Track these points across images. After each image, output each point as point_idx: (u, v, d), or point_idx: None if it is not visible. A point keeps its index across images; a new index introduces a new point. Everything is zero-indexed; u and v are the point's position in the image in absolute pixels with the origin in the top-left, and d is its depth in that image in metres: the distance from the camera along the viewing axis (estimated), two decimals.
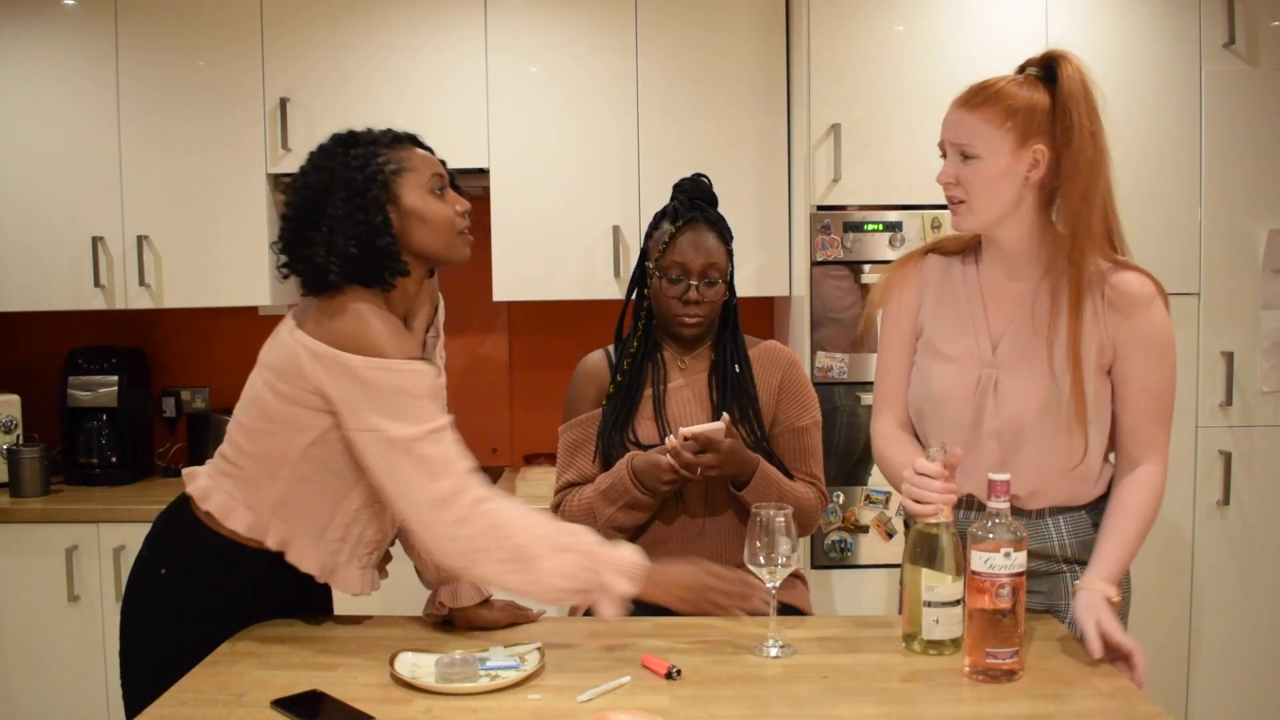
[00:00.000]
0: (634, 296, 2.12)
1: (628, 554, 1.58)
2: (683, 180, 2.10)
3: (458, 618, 1.76)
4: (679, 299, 2.01)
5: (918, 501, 1.54)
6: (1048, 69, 1.63)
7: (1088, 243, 1.60)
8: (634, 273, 2.13)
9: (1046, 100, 1.60)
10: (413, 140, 1.69)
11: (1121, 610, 1.68)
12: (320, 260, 1.58)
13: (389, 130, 1.68)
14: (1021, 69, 1.68)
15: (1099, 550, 1.62)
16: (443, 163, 1.70)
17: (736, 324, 2.10)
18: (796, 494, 2.01)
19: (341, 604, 1.85)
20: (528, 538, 1.54)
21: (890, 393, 1.82)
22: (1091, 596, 1.56)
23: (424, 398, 1.58)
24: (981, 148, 1.60)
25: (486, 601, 1.78)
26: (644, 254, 2.10)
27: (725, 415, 1.92)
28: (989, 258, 1.72)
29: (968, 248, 1.76)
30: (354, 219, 1.57)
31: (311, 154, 1.65)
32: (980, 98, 1.61)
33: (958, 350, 1.71)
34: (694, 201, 2.06)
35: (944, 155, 1.67)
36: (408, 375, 1.56)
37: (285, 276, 1.67)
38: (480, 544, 1.53)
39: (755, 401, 2.05)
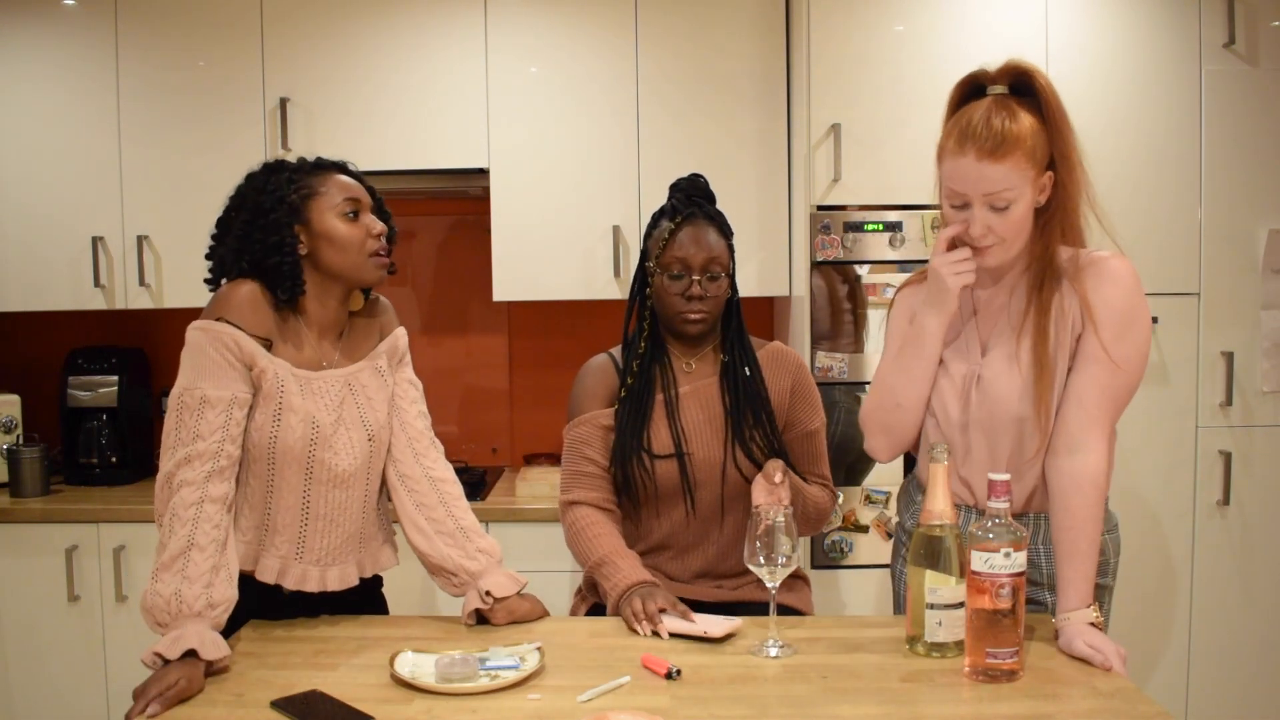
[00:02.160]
0: (637, 301, 2.08)
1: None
2: (679, 180, 2.08)
3: (499, 611, 1.78)
4: (682, 295, 1.98)
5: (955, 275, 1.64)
6: (1017, 83, 1.63)
7: (1056, 241, 1.66)
8: (635, 276, 2.10)
9: (1039, 124, 1.61)
10: (337, 167, 1.79)
11: (1110, 571, 1.74)
12: (220, 276, 1.73)
13: (317, 159, 1.79)
14: (971, 83, 1.65)
15: (1062, 576, 1.61)
16: (370, 190, 1.80)
17: (741, 323, 2.07)
18: (817, 500, 2.03)
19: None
20: (178, 539, 1.58)
21: None
22: (1072, 628, 1.58)
23: (209, 360, 1.64)
24: (1015, 195, 1.60)
25: (519, 593, 1.83)
26: (644, 255, 2.07)
27: (778, 462, 1.93)
28: (979, 277, 1.73)
29: None
30: (251, 239, 1.70)
31: (241, 181, 1.78)
32: (1003, 148, 1.57)
33: (952, 360, 1.74)
34: (691, 199, 2.04)
35: (959, 205, 1.63)
36: (211, 332, 1.65)
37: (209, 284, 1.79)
38: (162, 523, 1.61)
39: (768, 404, 2.02)
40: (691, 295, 1.98)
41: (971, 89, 1.66)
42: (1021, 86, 1.62)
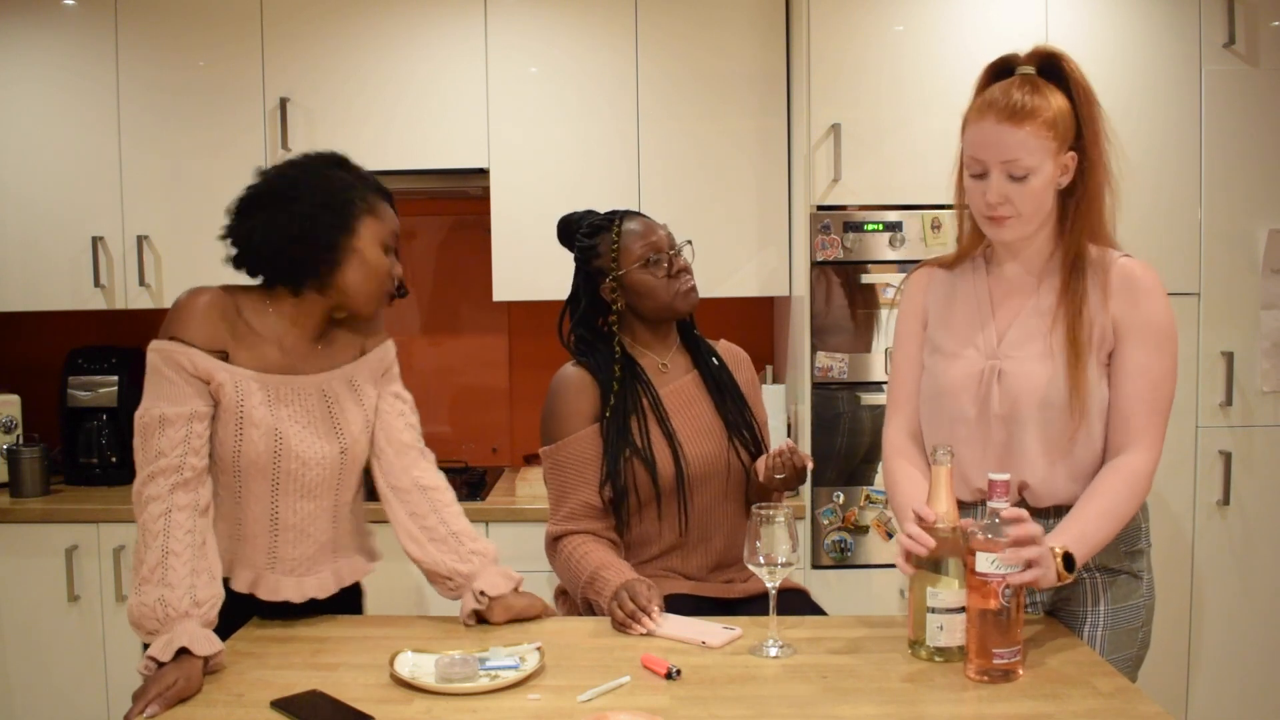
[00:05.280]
0: (594, 320, 2.07)
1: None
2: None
3: (495, 609, 1.78)
4: (669, 275, 2.00)
5: (908, 552, 1.54)
6: (1047, 67, 1.63)
7: (1086, 231, 1.64)
8: (578, 306, 2.07)
9: (1067, 104, 1.61)
10: (390, 196, 1.80)
11: (1141, 618, 1.70)
12: (256, 240, 1.67)
13: (376, 178, 1.78)
14: (1002, 66, 1.66)
15: (1062, 523, 1.59)
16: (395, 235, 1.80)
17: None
18: None
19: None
20: (153, 551, 1.58)
21: (902, 397, 1.81)
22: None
23: (165, 380, 1.64)
24: (1033, 163, 1.59)
25: (514, 590, 1.82)
26: (598, 275, 2.05)
27: (788, 442, 1.92)
28: (1000, 258, 1.72)
29: (970, 256, 1.76)
30: (306, 221, 1.67)
31: (298, 158, 1.74)
32: (1023, 113, 1.58)
33: (965, 348, 1.71)
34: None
35: (979, 174, 1.62)
36: (164, 353, 1.64)
37: (232, 242, 1.74)
38: (139, 535, 1.61)
39: (739, 390, 2.09)
40: (678, 269, 2.01)
41: (1000, 71, 1.66)
42: (1050, 70, 1.63)
